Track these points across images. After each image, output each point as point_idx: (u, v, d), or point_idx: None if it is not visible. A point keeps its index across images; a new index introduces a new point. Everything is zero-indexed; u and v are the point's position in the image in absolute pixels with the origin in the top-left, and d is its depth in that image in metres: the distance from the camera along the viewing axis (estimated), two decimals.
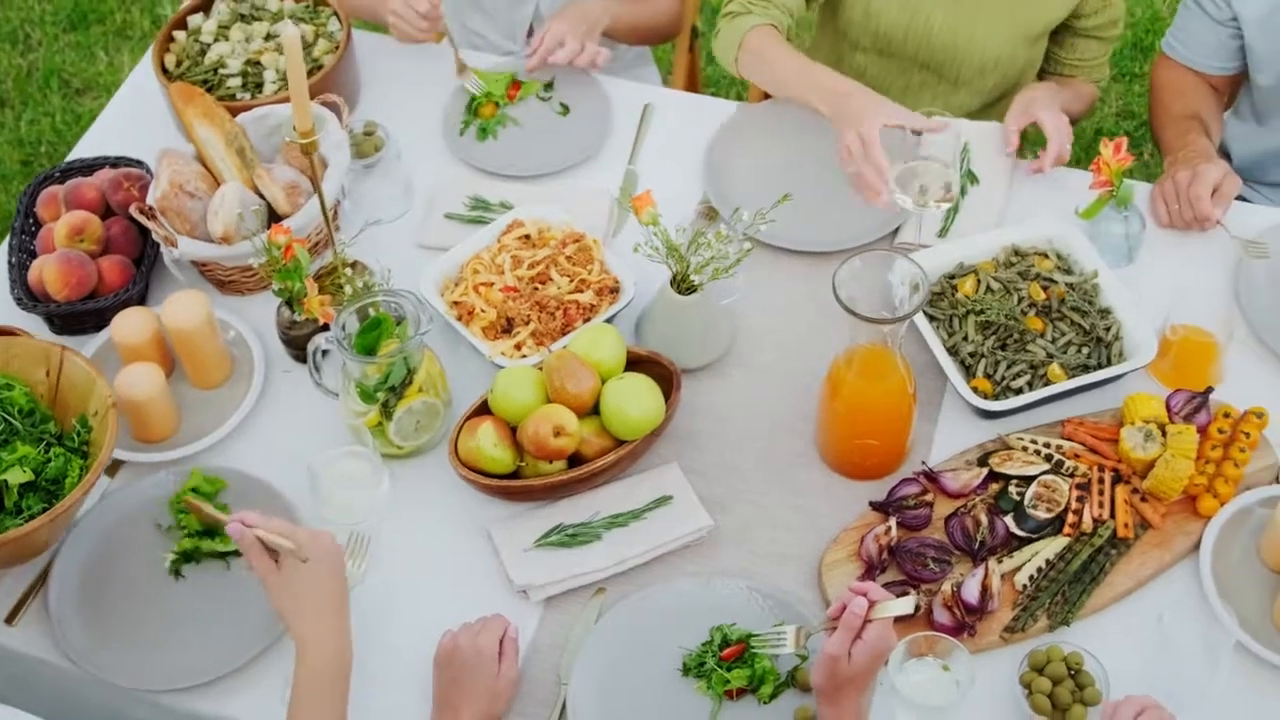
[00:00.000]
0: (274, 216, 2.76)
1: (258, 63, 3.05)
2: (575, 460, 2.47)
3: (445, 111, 3.12)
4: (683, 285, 2.57)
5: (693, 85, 3.78)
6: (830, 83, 2.89)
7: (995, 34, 3.07)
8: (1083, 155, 4.20)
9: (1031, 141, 2.74)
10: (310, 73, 3.01)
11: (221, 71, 3.04)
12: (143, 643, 2.38)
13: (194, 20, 3.13)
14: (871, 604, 2.06)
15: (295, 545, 2.12)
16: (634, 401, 2.45)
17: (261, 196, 2.76)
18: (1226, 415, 2.55)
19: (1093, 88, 3.27)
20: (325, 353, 2.57)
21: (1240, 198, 3.11)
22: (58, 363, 2.49)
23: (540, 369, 2.50)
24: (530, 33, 3.44)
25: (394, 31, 3.14)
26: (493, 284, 2.68)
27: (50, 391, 2.51)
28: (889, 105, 2.77)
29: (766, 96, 3.18)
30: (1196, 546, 2.45)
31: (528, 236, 2.77)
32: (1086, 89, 3.25)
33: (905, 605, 2.07)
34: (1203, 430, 2.54)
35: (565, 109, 3.12)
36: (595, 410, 2.49)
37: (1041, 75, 3.30)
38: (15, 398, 2.45)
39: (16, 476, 2.36)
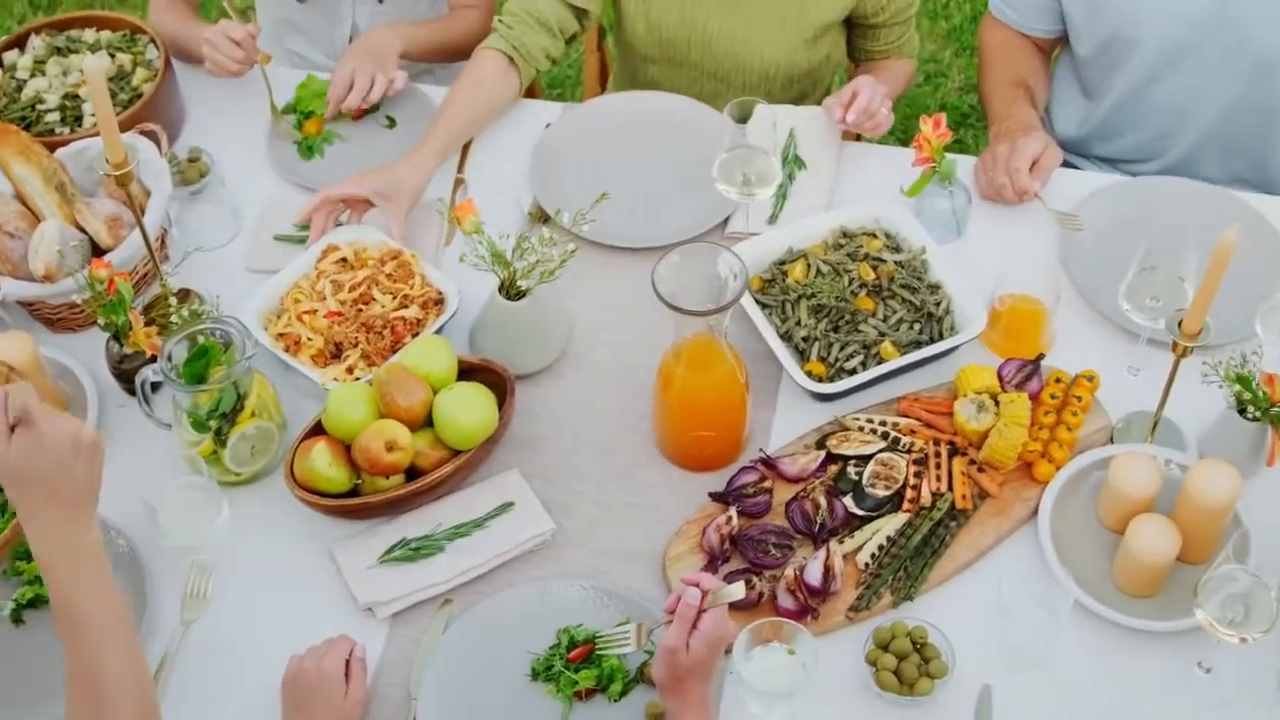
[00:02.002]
0: (98, 250, 2.72)
1: (76, 96, 3.01)
2: (414, 473, 2.46)
3: (270, 133, 3.09)
4: (511, 291, 2.57)
5: (530, 93, 3.77)
6: (430, 145, 2.90)
7: (771, 39, 3.11)
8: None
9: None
10: (130, 102, 2.99)
11: (40, 107, 3.00)
12: None
13: (9, 56, 3.09)
14: (705, 593, 2.07)
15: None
16: (466, 410, 2.44)
17: (84, 231, 2.73)
18: (1058, 380, 2.58)
19: (908, 62, 3.32)
20: (155, 384, 2.54)
21: (1070, 164, 3.16)
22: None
23: (372, 385, 2.49)
24: None
25: (209, 65, 3.07)
26: (316, 311, 2.66)
27: None
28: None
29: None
30: (1035, 512, 2.47)
31: (345, 259, 2.75)
32: (901, 66, 3.30)
33: (737, 591, 2.08)
34: (1035, 397, 2.57)
35: (392, 121, 3.11)
36: (430, 422, 2.47)
37: (857, 65, 3.34)
38: None
39: None
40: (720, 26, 3.11)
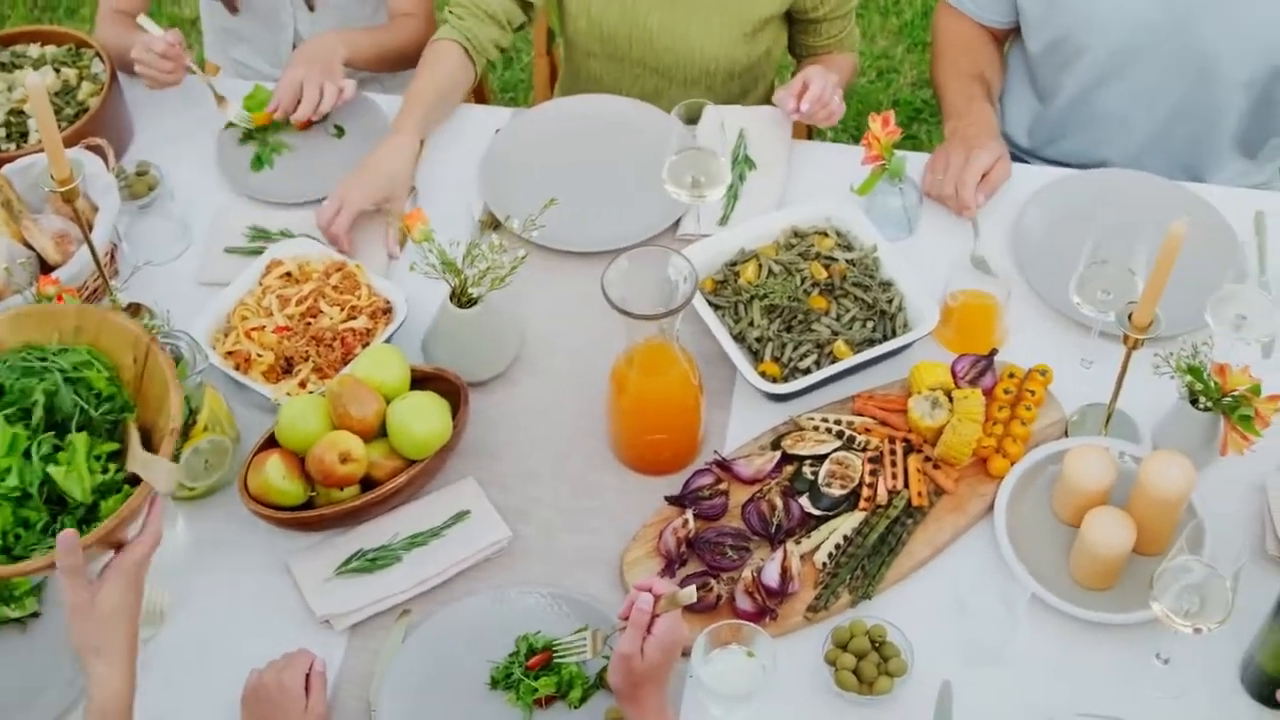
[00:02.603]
0: (46, 267, 2.71)
1: (21, 112, 2.99)
2: (369, 484, 2.45)
3: (219, 144, 3.07)
4: (462, 299, 2.56)
5: (480, 96, 3.76)
6: (397, 129, 2.94)
7: (710, 33, 3.12)
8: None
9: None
10: (76, 116, 2.97)
11: None
12: None
13: None
14: (658, 598, 2.07)
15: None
16: (420, 419, 2.43)
17: (31, 248, 2.71)
18: (1012, 375, 2.59)
19: (850, 56, 3.34)
20: None
21: (1019, 159, 3.17)
22: (144, 352, 2.16)
23: (325, 397, 2.48)
24: None
25: (146, 81, 3.07)
26: (264, 327, 2.65)
27: (135, 380, 2.18)
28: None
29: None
30: (991, 507, 2.48)
31: (289, 274, 2.74)
32: (844, 60, 3.31)
33: (689, 595, 2.08)
34: (989, 392, 2.57)
35: (340, 130, 3.09)
36: (384, 432, 2.47)
37: (799, 60, 3.35)
38: (93, 378, 2.13)
39: (74, 485, 2.05)
40: (661, 21, 3.12)
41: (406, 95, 3.01)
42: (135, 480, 2.05)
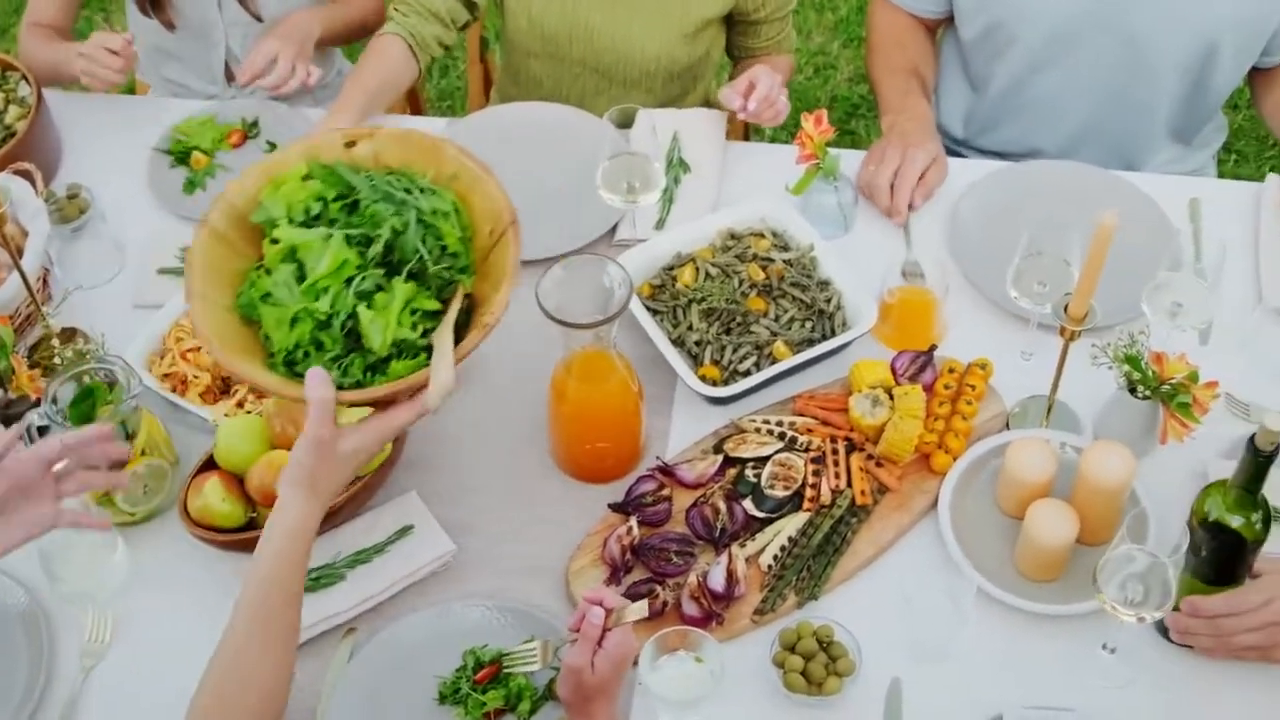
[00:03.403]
0: None
1: None
2: None
3: (150, 166, 3.05)
4: None
5: (415, 106, 3.75)
6: (334, 119, 2.94)
7: (651, 33, 3.12)
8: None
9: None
10: (3, 141, 2.94)
11: None
12: None
13: None
14: (609, 611, 2.06)
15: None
16: None
17: None
18: (951, 370, 2.59)
19: (788, 58, 3.36)
20: (43, 428, 2.50)
21: (955, 150, 3.18)
22: (503, 230, 2.11)
23: (262, 417, 2.46)
24: (227, 72, 3.40)
25: (85, 79, 3.04)
26: (200, 349, 2.63)
27: (483, 252, 2.13)
28: None
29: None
30: (935, 503, 2.48)
31: None
32: (782, 61, 3.32)
33: (640, 610, 2.07)
34: (929, 388, 2.57)
35: (272, 146, 3.08)
36: None
37: (736, 62, 3.36)
38: (446, 230, 2.07)
39: (375, 333, 1.99)
40: (602, 21, 3.11)
41: (346, 81, 3.02)
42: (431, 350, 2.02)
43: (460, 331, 2.05)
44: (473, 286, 2.09)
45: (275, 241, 2.04)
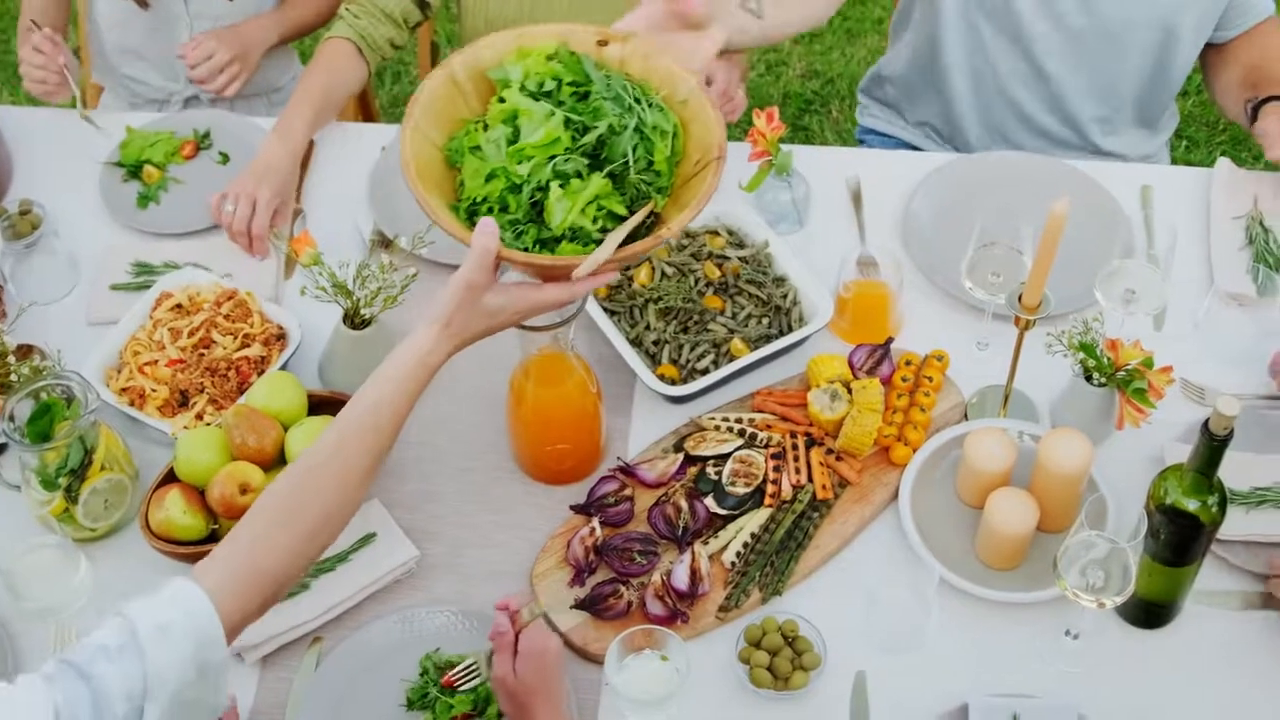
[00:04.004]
0: None
1: None
2: None
3: (102, 180, 3.04)
4: (356, 320, 2.55)
5: (367, 113, 3.74)
6: (285, 126, 2.94)
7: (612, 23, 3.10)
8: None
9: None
10: None
11: None
12: None
13: None
14: (514, 615, 2.08)
15: None
16: None
17: None
18: (908, 363, 2.61)
19: (743, 53, 3.33)
20: (1, 446, 2.49)
21: (913, 147, 3.19)
22: (708, 164, 2.15)
23: (221, 428, 2.45)
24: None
25: (27, 86, 3.08)
26: (157, 361, 2.63)
27: (682, 179, 2.19)
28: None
29: None
30: (896, 495, 2.49)
31: (179, 306, 2.71)
32: (738, 55, 3.30)
33: (531, 612, 2.10)
34: (887, 381, 2.59)
35: (225, 158, 3.07)
36: (284, 460, 2.44)
37: None
38: (658, 149, 2.13)
39: (557, 212, 2.06)
40: (562, 18, 3.10)
41: (295, 92, 3.00)
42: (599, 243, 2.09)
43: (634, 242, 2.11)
44: (662, 207, 2.14)
45: (502, 100, 2.14)
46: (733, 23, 2.39)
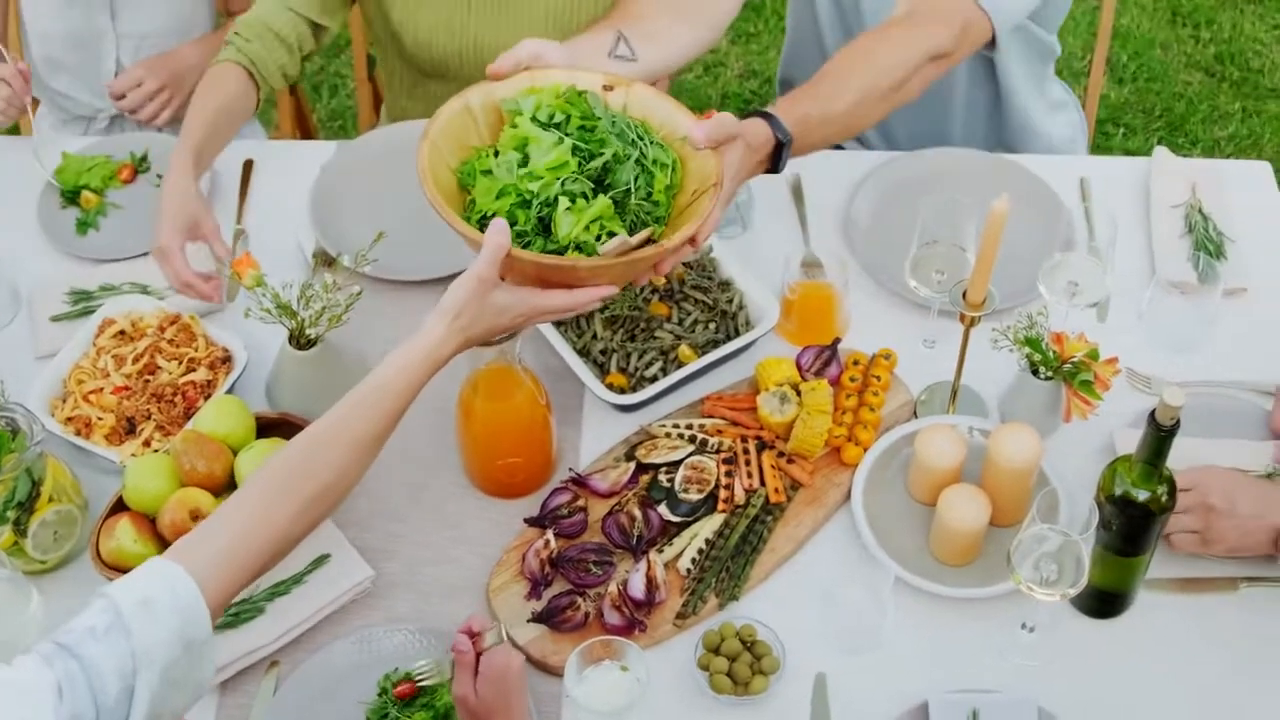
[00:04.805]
0: None
1: None
2: None
3: (40, 207, 3.01)
4: (301, 340, 2.53)
5: (305, 128, 3.73)
6: (186, 140, 2.79)
7: (543, 38, 3.09)
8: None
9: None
10: None
11: None
12: None
13: None
14: (475, 635, 2.09)
15: None
16: None
17: None
18: (856, 363, 2.61)
19: None
20: None
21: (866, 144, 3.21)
22: (705, 193, 2.29)
23: (170, 455, 2.44)
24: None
25: None
26: (102, 389, 2.61)
27: (678, 209, 2.33)
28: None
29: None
30: (849, 496, 2.50)
31: (123, 332, 2.69)
32: None
33: (495, 636, 2.10)
34: (835, 381, 2.59)
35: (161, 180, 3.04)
36: (234, 484, 2.43)
37: None
38: (658, 183, 2.27)
39: (563, 225, 2.19)
40: (492, 39, 3.09)
41: (186, 117, 2.87)
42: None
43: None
44: (659, 234, 2.26)
45: (514, 127, 2.28)
46: (609, 71, 2.43)
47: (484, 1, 3.05)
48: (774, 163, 2.50)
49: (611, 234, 2.17)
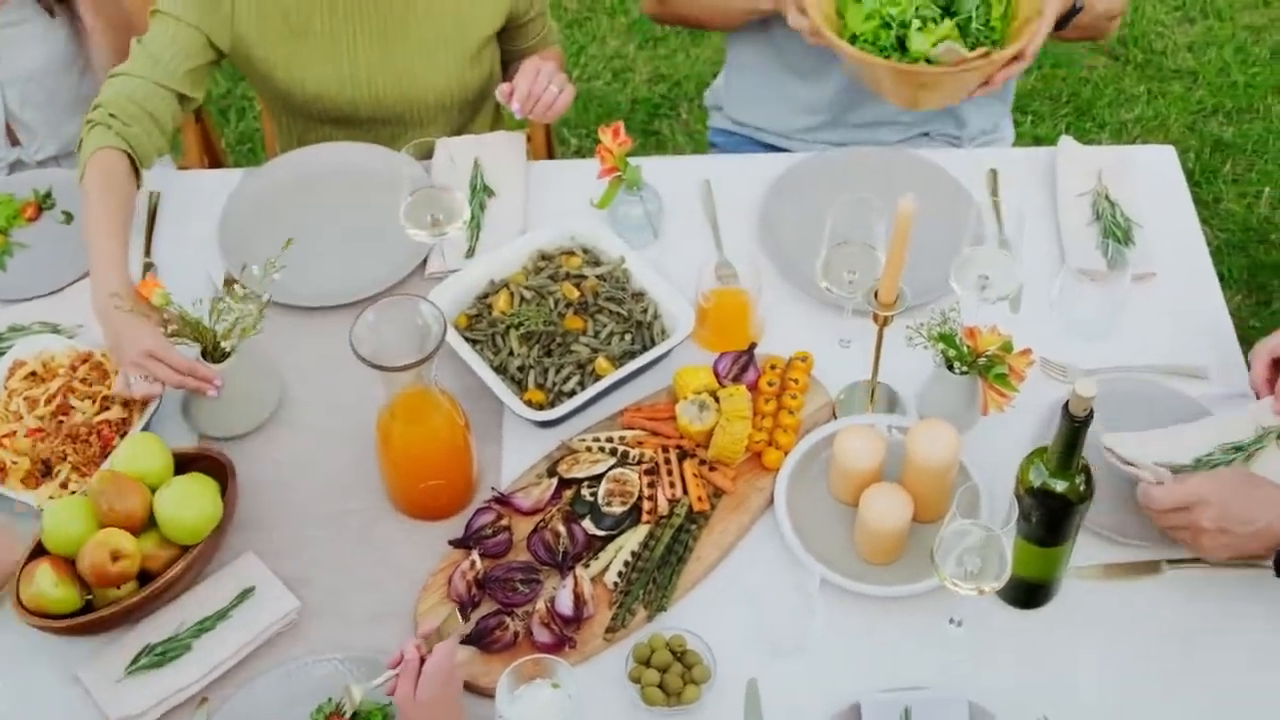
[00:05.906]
0: None
1: None
2: (147, 577, 2.39)
3: None
4: (215, 354, 2.52)
5: (213, 154, 3.70)
6: (105, 283, 2.62)
7: (436, 68, 3.09)
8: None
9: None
10: None
11: None
12: None
13: None
14: (421, 642, 2.12)
15: None
16: (187, 505, 2.38)
17: None
18: (773, 367, 2.62)
19: (555, 48, 3.35)
20: None
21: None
22: (1032, 16, 2.84)
23: (88, 496, 2.41)
24: (8, 132, 3.31)
25: None
26: (15, 432, 2.58)
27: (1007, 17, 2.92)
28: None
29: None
30: (772, 500, 2.50)
31: (34, 373, 2.66)
32: (552, 52, 3.31)
33: (453, 642, 2.14)
34: (753, 386, 2.60)
35: (69, 217, 3.01)
36: (154, 522, 2.41)
37: (507, 68, 3.32)
38: (994, 7, 2.80)
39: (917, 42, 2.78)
40: (384, 77, 3.07)
41: (95, 230, 2.71)
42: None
43: None
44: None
45: None
46: None
47: (367, 43, 3.03)
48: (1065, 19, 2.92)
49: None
